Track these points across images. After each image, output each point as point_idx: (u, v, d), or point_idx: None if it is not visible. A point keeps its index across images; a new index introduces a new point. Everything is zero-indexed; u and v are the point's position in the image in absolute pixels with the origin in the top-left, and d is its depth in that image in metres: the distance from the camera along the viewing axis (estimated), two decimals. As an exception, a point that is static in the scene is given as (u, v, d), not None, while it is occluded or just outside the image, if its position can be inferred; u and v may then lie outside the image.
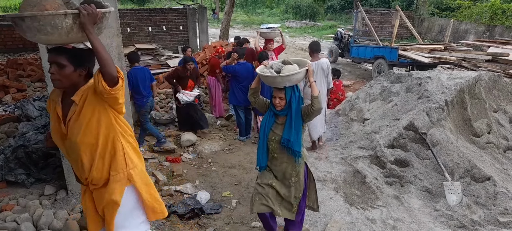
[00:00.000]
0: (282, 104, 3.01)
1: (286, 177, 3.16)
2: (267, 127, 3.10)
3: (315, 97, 2.94)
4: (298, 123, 3.01)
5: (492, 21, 16.52)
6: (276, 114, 3.10)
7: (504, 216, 3.61)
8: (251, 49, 7.26)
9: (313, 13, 29.14)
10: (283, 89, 2.97)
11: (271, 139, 3.09)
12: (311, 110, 2.96)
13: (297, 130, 3.00)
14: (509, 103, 5.55)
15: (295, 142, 2.99)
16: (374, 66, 11.15)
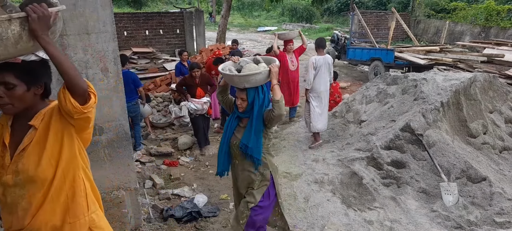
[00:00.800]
0: (244, 106, 2.84)
1: (249, 184, 2.98)
2: (230, 130, 2.96)
3: (276, 102, 2.72)
4: (259, 128, 2.82)
5: (487, 22, 16.63)
6: (239, 116, 2.95)
7: (500, 216, 3.63)
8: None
9: (309, 16, 29.26)
10: (245, 90, 2.80)
11: (232, 143, 2.93)
12: (271, 116, 2.75)
13: (257, 136, 2.81)
14: (505, 104, 5.59)
15: (255, 149, 2.81)
16: (371, 68, 11.19)
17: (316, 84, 5.43)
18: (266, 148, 2.95)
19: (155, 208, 4.11)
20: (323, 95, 5.50)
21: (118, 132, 3.30)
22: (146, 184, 4.71)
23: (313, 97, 5.49)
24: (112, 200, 3.34)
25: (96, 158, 3.30)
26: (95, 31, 2.99)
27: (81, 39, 2.97)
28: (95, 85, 3.09)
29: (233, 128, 2.95)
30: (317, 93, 5.48)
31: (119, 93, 3.20)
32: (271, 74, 2.77)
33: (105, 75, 3.11)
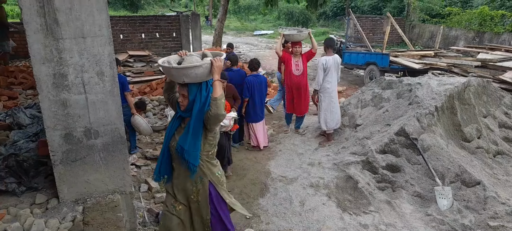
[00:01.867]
0: (185, 103, 2.64)
1: (187, 193, 2.78)
2: (171, 130, 2.73)
3: (214, 100, 2.52)
4: (198, 130, 2.60)
5: (481, 27, 16.79)
6: (181, 116, 2.72)
7: (494, 220, 3.66)
8: None
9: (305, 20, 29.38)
10: (186, 86, 2.60)
11: (171, 145, 2.71)
12: (208, 115, 2.55)
13: (194, 138, 2.59)
14: (498, 108, 5.64)
15: (191, 152, 2.59)
16: (366, 72, 11.25)
17: (326, 83, 5.81)
18: (206, 154, 2.72)
19: (150, 212, 4.10)
20: (333, 94, 5.88)
21: (114, 135, 3.30)
22: (142, 187, 4.70)
23: (323, 97, 5.86)
24: (107, 204, 3.33)
25: (91, 162, 3.29)
26: (91, 35, 2.99)
27: (77, 42, 2.97)
28: (90, 89, 3.10)
29: (174, 129, 2.73)
30: (328, 93, 5.82)
31: (115, 97, 3.20)
32: (212, 69, 2.55)
33: (100, 79, 3.11)
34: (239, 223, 3.95)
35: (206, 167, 2.74)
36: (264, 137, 6.11)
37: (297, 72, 6.03)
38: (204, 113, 2.59)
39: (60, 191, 3.40)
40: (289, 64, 6.03)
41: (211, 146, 2.74)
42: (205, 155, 2.71)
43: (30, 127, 5.29)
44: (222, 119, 2.62)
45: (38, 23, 2.82)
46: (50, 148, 3.19)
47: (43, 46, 2.88)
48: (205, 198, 2.77)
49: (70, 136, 3.18)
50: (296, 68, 6.02)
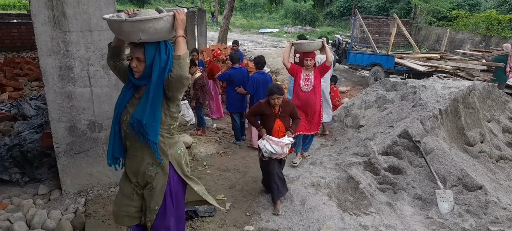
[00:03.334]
0: (140, 69, 2.22)
1: (144, 178, 2.40)
2: (122, 103, 2.33)
3: (177, 59, 2.13)
4: (157, 100, 2.21)
5: (488, 31, 16.68)
6: (135, 85, 2.31)
7: (494, 225, 3.65)
8: None
9: (313, 19, 29.28)
10: (142, 47, 2.19)
11: (123, 120, 2.31)
12: (169, 80, 2.17)
13: (154, 109, 2.21)
14: (503, 113, 5.62)
15: (150, 127, 2.20)
16: (371, 74, 11.22)
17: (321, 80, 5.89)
18: (166, 129, 2.34)
19: (152, 206, 4.12)
20: (326, 91, 5.97)
21: (118, 129, 3.32)
22: (144, 181, 4.73)
23: None
24: (109, 197, 3.36)
25: (95, 155, 3.33)
26: (98, 29, 3.02)
27: (84, 36, 2.99)
28: (96, 82, 3.13)
29: (126, 100, 2.32)
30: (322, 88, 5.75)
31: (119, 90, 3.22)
32: (175, 22, 2.16)
33: (106, 72, 3.14)
34: (239, 220, 3.97)
35: (166, 145, 2.35)
36: None
37: (305, 88, 4.99)
38: (164, 80, 2.20)
39: (63, 182, 3.43)
40: (297, 78, 5.06)
41: (173, 119, 2.37)
42: (165, 130, 2.33)
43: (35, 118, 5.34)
44: (187, 83, 2.23)
45: (46, 16, 2.85)
46: (54, 139, 3.23)
47: (50, 38, 2.91)
48: (162, 184, 2.39)
49: (74, 128, 3.21)
50: (305, 84, 5.00)
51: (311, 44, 4.93)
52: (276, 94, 3.85)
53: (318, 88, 5.03)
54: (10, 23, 12.65)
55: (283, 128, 4.01)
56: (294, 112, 4.13)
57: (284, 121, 4.03)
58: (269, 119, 4.00)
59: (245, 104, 6.24)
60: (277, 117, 4.00)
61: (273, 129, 3.97)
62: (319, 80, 5.04)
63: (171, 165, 2.40)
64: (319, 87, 5.05)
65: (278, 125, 3.99)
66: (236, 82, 6.03)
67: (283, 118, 4.02)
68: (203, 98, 6.55)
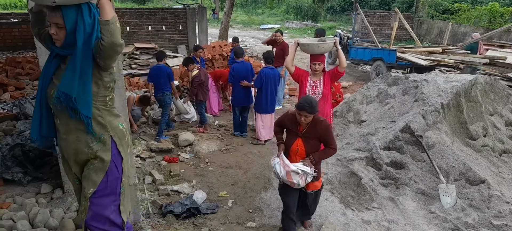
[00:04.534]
0: (61, 36, 1.98)
1: (81, 157, 2.14)
2: (47, 74, 2.08)
3: (105, 24, 1.92)
4: (86, 70, 1.97)
5: (491, 24, 16.57)
6: (59, 54, 2.07)
7: (497, 219, 3.64)
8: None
9: (314, 14, 29.13)
10: (59, 11, 1.92)
11: (49, 94, 2.06)
12: (99, 47, 1.94)
13: (83, 80, 1.97)
14: (505, 106, 5.58)
15: (81, 100, 1.98)
16: (373, 68, 11.17)
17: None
18: (102, 101, 2.12)
19: (154, 204, 4.13)
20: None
21: (118, 127, 3.31)
22: (146, 179, 4.74)
23: None
24: (111, 195, 3.36)
25: (96, 153, 3.32)
26: (97, 27, 3.00)
27: (83, 34, 2.98)
28: (96, 81, 3.12)
29: (51, 72, 2.07)
30: None
31: (119, 88, 3.22)
32: None
33: (106, 71, 3.13)
34: (241, 216, 3.97)
35: (104, 118, 2.13)
36: (270, 131, 6.14)
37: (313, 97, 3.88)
38: (92, 46, 1.96)
39: (65, 181, 3.44)
40: (303, 85, 4.28)
41: (108, 90, 2.14)
42: (101, 102, 2.11)
43: (37, 117, 5.33)
44: (121, 50, 2.02)
45: (44, 15, 2.84)
46: (56, 138, 3.22)
47: (49, 37, 2.89)
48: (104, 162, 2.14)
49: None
50: (312, 92, 4.22)
51: (320, 46, 4.10)
52: (305, 112, 3.09)
53: (328, 97, 4.25)
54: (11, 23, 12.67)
55: (303, 151, 3.28)
56: (326, 137, 3.24)
57: (308, 143, 3.26)
58: (290, 135, 3.37)
59: (250, 99, 6.32)
60: (300, 135, 3.27)
61: (291, 148, 3.32)
62: (329, 87, 4.27)
63: (113, 141, 2.17)
64: (329, 97, 4.26)
65: (298, 146, 3.29)
66: (239, 77, 6.12)
67: (307, 140, 3.26)
68: (203, 95, 6.54)
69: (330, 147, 3.28)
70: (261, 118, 6.05)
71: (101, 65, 2.02)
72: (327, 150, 3.31)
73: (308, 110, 3.10)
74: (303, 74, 4.33)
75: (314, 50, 4.14)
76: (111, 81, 2.16)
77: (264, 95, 5.92)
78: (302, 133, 3.27)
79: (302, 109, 3.11)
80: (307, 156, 3.27)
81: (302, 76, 4.32)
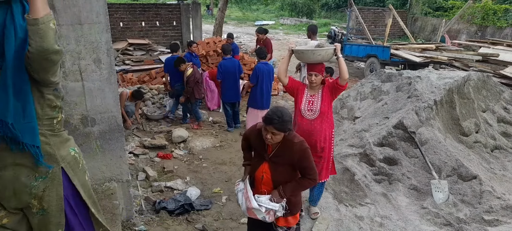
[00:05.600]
0: None
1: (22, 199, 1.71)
2: None
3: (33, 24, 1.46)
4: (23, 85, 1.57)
5: (484, 21, 16.69)
6: None
7: (489, 214, 3.68)
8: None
9: (309, 11, 29.12)
10: None
11: None
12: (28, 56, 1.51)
13: (21, 100, 1.58)
14: (497, 103, 5.63)
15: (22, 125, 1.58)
16: (367, 65, 11.21)
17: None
18: (48, 125, 1.71)
19: (147, 200, 4.12)
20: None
21: (111, 123, 3.29)
22: (139, 176, 4.72)
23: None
24: (103, 191, 3.35)
25: (88, 149, 3.30)
26: (88, 22, 2.97)
27: (74, 29, 2.94)
28: (87, 77, 3.09)
29: None
30: None
31: (112, 84, 3.19)
32: None
33: (98, 66, 3.10)
34: (235, 213, 3.97)
35: (52, 146, 1.72)
36: None
37: (308, 114, 3.45)
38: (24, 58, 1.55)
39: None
40: (298, 100, 3.54)
41: (54, 110, 1.72)
42: (47, 127, 1.71)
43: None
44: (56, 58, 1.57)
45: (35, 9, 2.80)
46: (47, 134, 3.19)
47: (39, 32, 2.86)
48: (58, 199, 1.75)
49: (66, 123, 3.17)
50: (308, 108, 3.46)
51: (316, 53, 3.32)
52: (273, 127, 2.31)
53: (327, 116, 3.47)
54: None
55: (269, 181, 2.54)
56: (303, 164, 2.47)
57: (276, 170, 2.52)
58: (256, 157, 2.66)
59: (239, 96, 6.39)
60: (267, 159, 2.54)
61: (255, 175, 2.61)
62: (329, 104, 3.47)
63: (64, 172, 1.77)
64: (329, 114, 3.49)
65: (263, 172, 2.56)
66: (226, 73, 6.17)
67: (275, 165, 2.51)
68: (198, 93, 6.51)
69: (307, 177, 2.48)
70: (257, 113, 6.07)
71: (37, 79, 1.58)
72: (303, 181, 2.51)
73: (276, 126, 2.30)
74: (298, 87, 3.56)
75: (309, 59, 3.38)
76: (57, 99, 1.73)
77: (260, 91, 5.95)
78: (270, 156, 2.51)
79: (270, 123, 2.31)
80: (275, 187, 2.54)
81: (297, 89, 3.55)
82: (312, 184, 2.60)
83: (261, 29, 7.79)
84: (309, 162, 2.47)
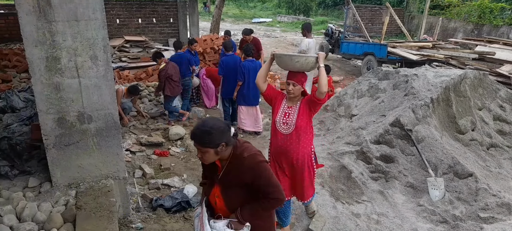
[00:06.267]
0: None
1: None
2: None
3: None
4: None
5: (480, 20, 16.75)
6: None
7: (484, 211, 3.70)
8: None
9: (306, 8, 29.09)
10: None
11: None
12: None
13: None
14: (494, 101, 5.66)
15: None
16: (364, 63, 11.23)
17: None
18: None
19: (144, 198, 4.11)
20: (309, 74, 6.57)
21: (107, 120, 3.28)
22: (136, 173, 4.70)
23: None
24: (100, 188, 3.34)
25: (85, 146, 3.29)
26: (85, 18, 2.96)
27: (70, 25, 2.93)
28: (84, 73, 3.08)
29: None
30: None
31: (109, 81, 3.18)
32: None
33: (94, 63, 3.08)
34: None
35: None
36: (256, 122, 6.39)
37: (284, 128, 3.12)
38: None
39: (53, 175, 3.39)
40: (274, 110, 3.23)
41: None
42: None
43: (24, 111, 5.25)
44: None
45: (31, 5, 2.78)
46: (43, 131, 3.18)
47: (35, 28, 2.84)
48: None
49: (63, 120, 3.16)
50: (283, 121, 3.13)
51: (294, 59, 3.00)
52: (195, 143, 2.03)
53: (305, 132, 3.10)
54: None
55: (222, 205, 2.18)
56: (258, 182, 2.08)
57: (227, 194, 2.16)
58: (209, 178, 2.30)
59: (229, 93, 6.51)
60: (217, 181, 2.19)
61: (210, 200, 2.30)
62: (307, 118, 3.09)
63: None
64: (307, 131, 3.12)
65: (215, 197, 2.22)
66: (227, 69, 6.21)
67: (226, 188, 2.16)
68: (171, 90, 6.38)
69: (267, 197, 2.08)
70: (246, 110, 6.22)
71: None
72: (263, 202, 2.10)
73: (199, 141, 2.00)
74: (276, 96, 3.24)
75: (287, 65, 3.07)
76: None
77: (247, 88, 6.08)
78: (219, 178, 2.16)
79: (192, 139, 2.04)
80: (231, 212, 2.16)
81: (275, 98, 3.22)
82: (277, 205, 2.14)
83: (247, 31, 7.95)
84: (265, 179, 2.06)
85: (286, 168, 3.20)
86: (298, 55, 3.05)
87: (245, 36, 7.84)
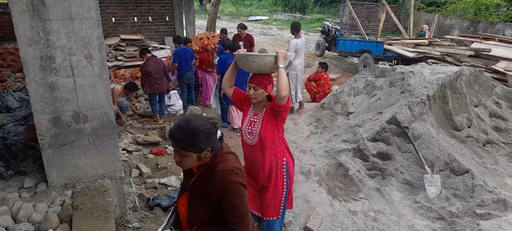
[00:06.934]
0: None
1: None
2: None
3: None
4: None
5: (476, 16, 16.80)
6: None
7: (481, 208, 3.72)
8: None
9: (302, 6, 29.06)
10: None
11: None
12: None
13: None
14: (489, 98, 5.68)
15: None
16: (360, 60, 11.24)
17: (296, 62, 6.64)
18: None
19: (141, 197, 4.09)
20: (299, 73, 6.97)
21: (103, 120, 3.26)
22: (133, 173, 4.68)
23: (294, 74, 6.81)
24: (96, 188, 3.32)
25: (80, 146, 3.27)
26: (79, 17, 2.93)
27: (65, 24, 2.90)
28: (79, 72, 3.05)
29: None
30: (299, 70, 6.88)
31: (104, 80, 3.16)
32: None
33: (89, 62, 3.06)
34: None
35: None
36: None
37: (249, 138, 2.82)
38: None
39: (49, 175, 3.37)
40: (243, 119, 2.93)
41: None
42: None
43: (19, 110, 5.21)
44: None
45: (24, 4, 2.76)
46: (38, 131, 3.16)
47: (29, 27, 2.82)
48: None
49: (58, 120, 3.14)
50: (248, 131, 2.83)
51: (250, 59, 2.69)
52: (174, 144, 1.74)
53: (271, 143, 2.78)
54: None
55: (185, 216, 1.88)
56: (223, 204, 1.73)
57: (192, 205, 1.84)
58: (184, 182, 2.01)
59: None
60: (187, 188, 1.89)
61: (178, 203, 1.98)
62: (273, 128, 2.76)
63: None
64: (273, 142, 2.78)
65: (181, 204, 1.92)
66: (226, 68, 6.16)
67: (193, 198, 1.84)
68: (150, 86, 6.29)
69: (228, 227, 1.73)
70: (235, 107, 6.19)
71: None
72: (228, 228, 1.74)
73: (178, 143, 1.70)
74: (243, 101, 2.91)
75: (244, 66, 2.76)
76: None
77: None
78: (190, 185, 1.87)
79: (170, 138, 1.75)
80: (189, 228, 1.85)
81: (243, 104, 2.91)
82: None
83: (243, 25, 8.01)
84: (231, 205, 1.71)
85: (254, 180, 2.91)
86: (254, 54, 2.78)
87: (240, 30, 7.80)
